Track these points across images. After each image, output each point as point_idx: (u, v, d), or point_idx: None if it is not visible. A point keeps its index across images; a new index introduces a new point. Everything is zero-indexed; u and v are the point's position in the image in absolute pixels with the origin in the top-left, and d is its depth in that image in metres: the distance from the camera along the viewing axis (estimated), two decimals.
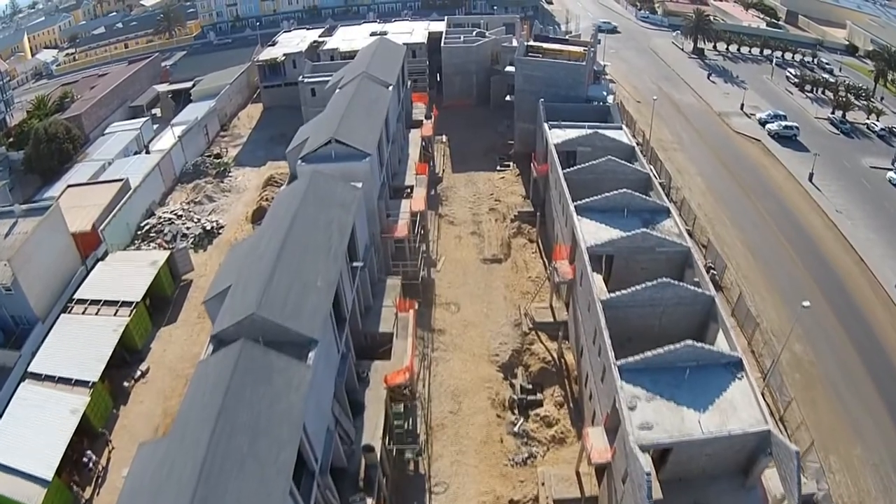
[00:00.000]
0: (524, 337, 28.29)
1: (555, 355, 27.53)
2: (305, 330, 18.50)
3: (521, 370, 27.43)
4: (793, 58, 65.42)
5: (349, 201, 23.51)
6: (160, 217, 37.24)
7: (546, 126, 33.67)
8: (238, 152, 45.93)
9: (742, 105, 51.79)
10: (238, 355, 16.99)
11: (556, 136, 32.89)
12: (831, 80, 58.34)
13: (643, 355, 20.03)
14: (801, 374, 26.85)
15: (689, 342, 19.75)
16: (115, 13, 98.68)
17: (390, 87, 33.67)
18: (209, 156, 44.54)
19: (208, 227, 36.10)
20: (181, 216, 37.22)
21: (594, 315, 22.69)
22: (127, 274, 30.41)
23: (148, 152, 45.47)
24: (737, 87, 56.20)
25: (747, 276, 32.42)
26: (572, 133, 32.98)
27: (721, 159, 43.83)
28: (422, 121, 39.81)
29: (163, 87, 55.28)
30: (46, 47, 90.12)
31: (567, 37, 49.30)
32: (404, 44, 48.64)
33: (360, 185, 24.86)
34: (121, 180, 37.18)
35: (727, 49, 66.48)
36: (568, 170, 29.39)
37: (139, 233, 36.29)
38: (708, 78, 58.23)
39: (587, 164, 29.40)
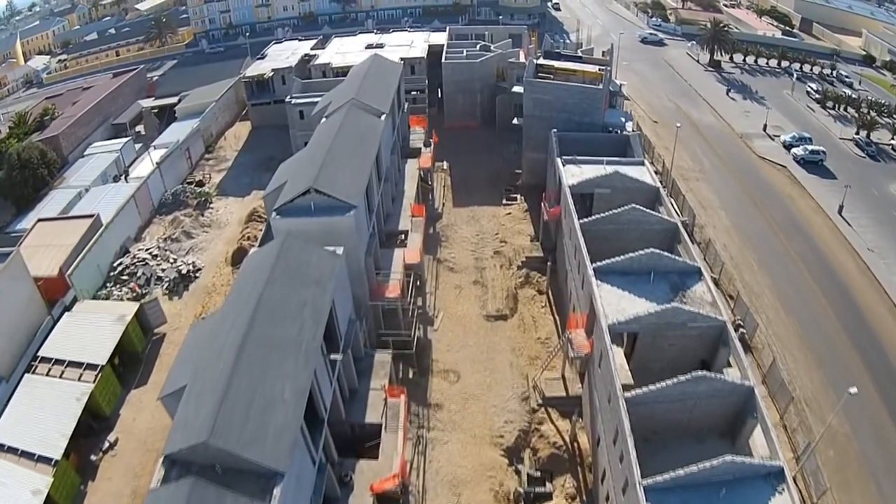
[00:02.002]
0: (532, 414, 23.83)
1: (567, 438, 23.12)
2: (268, 460, 14.30)
3: (529, 454, 23.02)
4: (811, 70, 59.98)
5: (327, 275, 18.93)
6: (134, 256, 32.78)
7: (559, 162, 28.84)
8: (222, 178, 41.17)
9: (765, 126, 46.64)
10: (187, 498, 13.38)
11: (571, 174, 28.09)
12: (853, 95, 53.01)
13: (674, 474, 16.09)
14: (836, 450, 22.83)
15: (729, 458, 16.05)
16: (109, 17, 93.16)
17: (383, 116, 28.86)
18: (191, 183, 39.85)
19: (184, 271, 31.56)
20: (156, 256, 32.73)
21: (615, 411, 18.46)
22: (93, 330, 26.85)
23: (127, 177, 40.99)
24: (757, 105, 50.90)
25: (777, 332, 28.03)
26: (589, 171, 28.17)
27: (746, 190, 38.89)
28: (420, 149, 34.95)
29: (147, 103, 50.37)
30: (39, 53, 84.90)
31: (579, 51, 43.95)
32: (402, 59, 43.85)
33: (340, 250, 20.24)
34: (91, 216, 32.89)
35: (744, 61, 60.97)
36: (585, 220, 24.67)
37: (111, 274, 32.01)
38: (727, 94, 52.87)
39: (608, 213, 24.69)
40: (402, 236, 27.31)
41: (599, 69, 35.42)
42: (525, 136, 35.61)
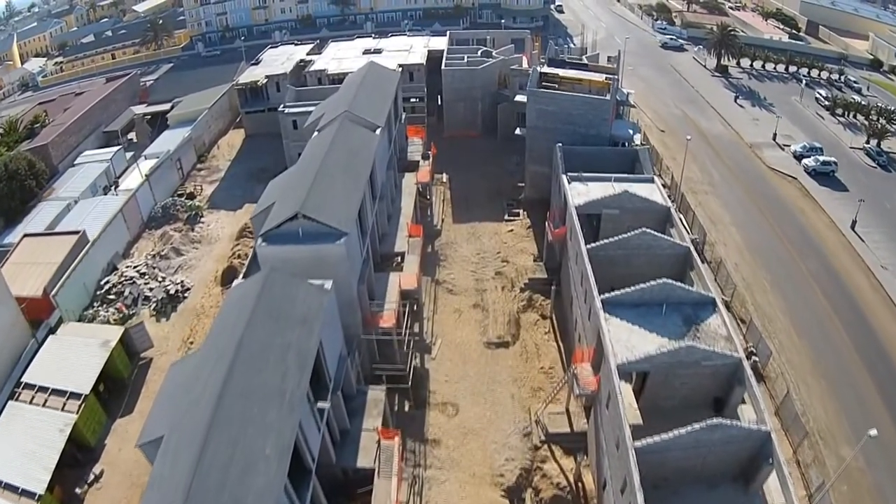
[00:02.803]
0: (534, 451, 22.14)
1: (571, 478, 21.47)
2: None
3: (531, 495, 21.37)
4: (819, 75, 57.88)
5: (314, 314, 17.21)
6: (122, 274, 31.15)
7: (564, 179, 26.99)
8: (213, 190, 39.30)
9: (774, 135, 44.70)
10: None
11: (577, 193, 26.25)
12: (862, 102, 50.94)
13: None
14: (850, 485, 21.32)
15: None
16: (107, 19, 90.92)
17: (378, 130, 27.04)
18: (181, 195, 38.07)
19: (172, 291, 29.88)
20: (144, 274, 31.07)
21: (624, 459, 16.86)
22: (77, 355, 25.65)
23: (117, 188, 39.29)
24: (766, 112, 48.91)
25: (791, 358, 26.46)
26: (596, 190, 26.34)
27: (757, 203, 37.00)
28: (418, 162, 33.10)
29: (140, 109, 48.50)
30: (37, 55, 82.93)
31: (584, 57, 41.89)
32: (400, 65, 41.98)
33: (329, 284, 18.51)
34: (77, 232, 31.34)
35: (751, 66, 58.84)
36: (593, 245, 22.87)
37: (98, 293, 30.51)
38: (735, 101, 50.77)
39: (617, 238, 22.88)
40: (399, 258, 25.54)
41: (606, 78, 33.46)
42: (528, 148, 33.71)
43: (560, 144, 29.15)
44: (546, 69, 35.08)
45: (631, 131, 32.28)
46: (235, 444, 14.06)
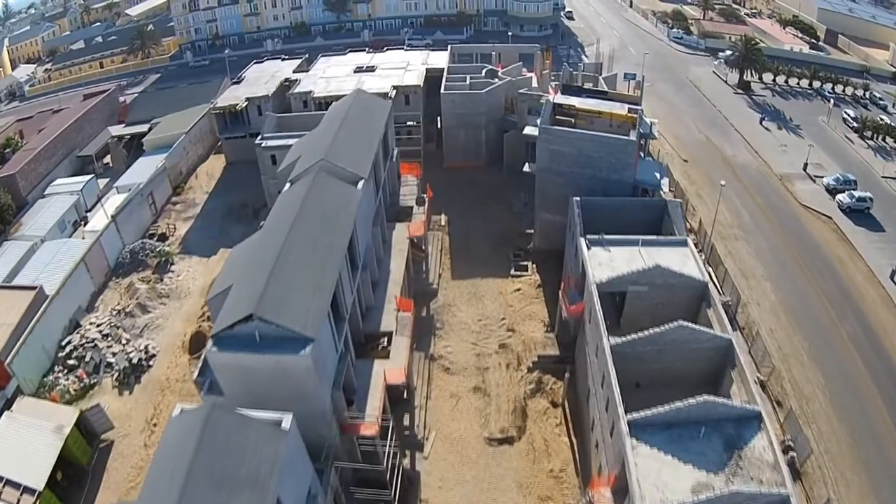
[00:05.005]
0: None
1: None
2: None
3: None
4: (843, 91, 52.13)
5: (267, 469, 12.71)
6: (83, 336, 26.91)
7: (583, 244, 22.07)
8: (187, 230, 34.52)
9: (805, 164, 39.48)
10: None
11: (598, 262, 21.42)
12: (891, 122, 45.39)
13: None
14: None
15: None
16: (99, 23, 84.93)
17: (360, 183, 22.13)
18: (153, 235, 33.51)
19: (136, 360, 25.63)
20: (108, 335, 26.78)
21: None
22: (31, 440, 22.23)
23: (86, 223, 34.77)
24: (794, 136, 43.60)
25: (829, 448, 22.32)
26: (620, 257, 21.56)
27: (791, 251, 32.02)
28: (411, 208, 28.19)
29: (118, 130, 43.59)
30: (28, 61, 77.60)
31: (600, 78, 36.50)
32: (394, 87, 36.85)
33: (288, 421, 13.98)
34: (34, 288, 27.18)
35: (774, 81, 53.09)
36: (619, 342, 18.22)
37: (59, 355, 26.57)
38: (760, 123, 45.37)
39: (647, 333, 18.23)
40: (384, 340, 20.93)
41: (629, 110, 28.20)
42: (538, 192, 28.61)
43: (578, 199, 24.17)
44: (560, 99, 29.90)
45: (658, 175, 27.17)
46: None
